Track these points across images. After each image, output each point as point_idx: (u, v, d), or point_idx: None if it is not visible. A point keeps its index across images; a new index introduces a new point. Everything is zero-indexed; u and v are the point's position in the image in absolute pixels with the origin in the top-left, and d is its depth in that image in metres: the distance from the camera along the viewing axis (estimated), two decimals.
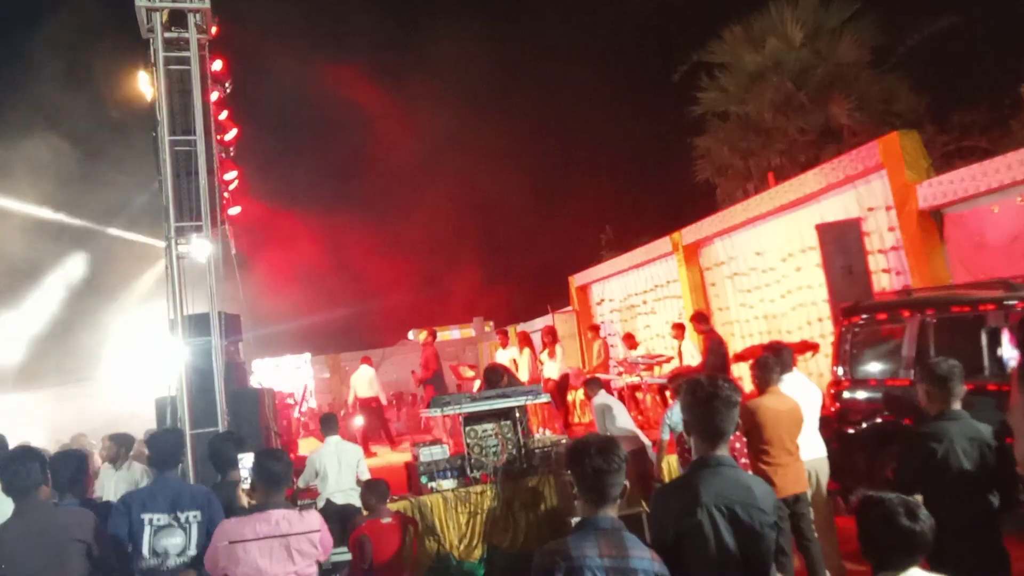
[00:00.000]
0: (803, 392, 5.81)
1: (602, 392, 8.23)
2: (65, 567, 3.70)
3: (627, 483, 2.54)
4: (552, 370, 12.08)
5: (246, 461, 4.94)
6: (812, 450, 5.70)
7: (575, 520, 2.57)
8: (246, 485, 5.02)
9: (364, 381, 13.92)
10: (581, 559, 2.34)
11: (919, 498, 2.71)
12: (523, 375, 11.60)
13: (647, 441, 7.58)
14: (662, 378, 11.19)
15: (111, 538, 3.94)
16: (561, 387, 11.96)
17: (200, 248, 7.60)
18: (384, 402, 14.55)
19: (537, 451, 7.51)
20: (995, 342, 5.83)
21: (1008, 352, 5.63)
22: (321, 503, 6.59)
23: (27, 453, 3.82)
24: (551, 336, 12.60)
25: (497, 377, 8.78)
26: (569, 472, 2.58)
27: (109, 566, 3.86)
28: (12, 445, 4.79)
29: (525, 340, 12.97)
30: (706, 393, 2.73)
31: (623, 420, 7.83)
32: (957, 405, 3.61)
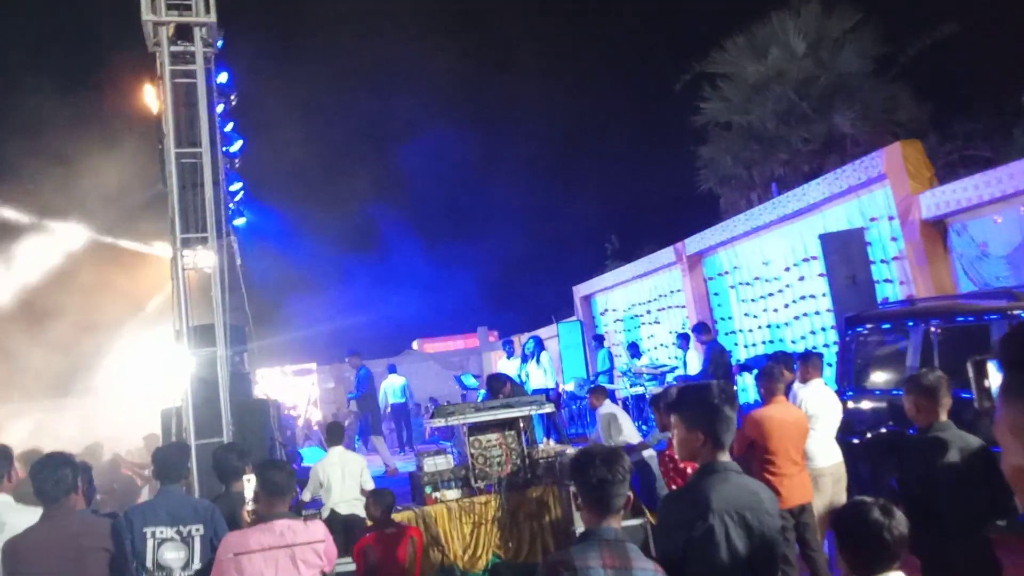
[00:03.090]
0: (825, 399, 5.86)
1: (607, 401, 8.23)
2: (87, 574, 3.70)
3: (631, 494, 2.55)
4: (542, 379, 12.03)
5: (252, 482, 4.94)
6: (830, 456, 5.72)
7: (579, 530, 2.57)
8: (250, 507, 5.02)
9: (398, 388, 14.72)
10: (585, 570, 2.34)
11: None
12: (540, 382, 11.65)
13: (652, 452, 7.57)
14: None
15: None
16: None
17: (206, 259, 7.64)
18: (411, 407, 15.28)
19: (541, 461, 7.50)
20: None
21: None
22: (326, 513, 6.59)
23: (60, 460, 3.80)
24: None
25: (499, 385, 8.82)
26: (573, 482, 2.59)
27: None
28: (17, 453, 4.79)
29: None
30: (719, 398, 2.76)
31: (628, 430, 7.83)
32: (944, 416, 3.62)
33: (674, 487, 5.76)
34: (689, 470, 5.59)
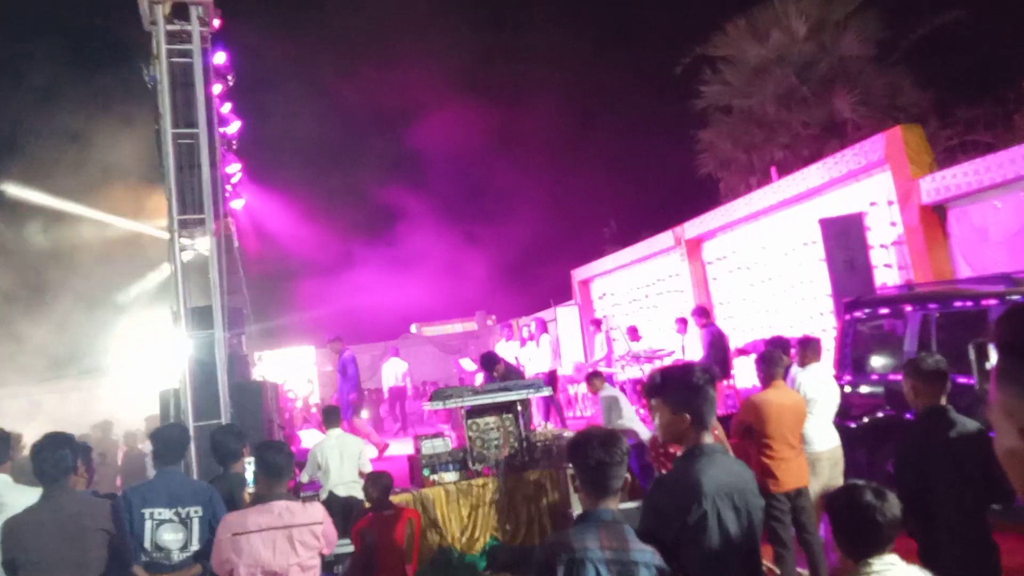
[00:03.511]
0: (823, 383, 5.88)
1: (607, 385, 8.26)
2: (87, 554, 3.71)
3: (628, 476, 2.55)
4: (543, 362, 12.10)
5: (252, 464, 4.95)
6: (827, 440, 5.74)
7: (576, 513, 2.57)
8: (251, 489, 5.02)
9: (397, 372, 15.14)
10: (582, 551, 2.34)
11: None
12: (540, 365, 11.68)
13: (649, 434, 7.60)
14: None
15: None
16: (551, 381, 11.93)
17: (203, 241, 7.62)
18: (410, 392, 15.64)
19: (539, 444, 7.53)
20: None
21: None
22: (324, 495, 6.62)
23: (59, 439, 3.80)
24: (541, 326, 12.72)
25: (493, 362, 8.89)
26: (571, 465, 2.59)
27: (126, 557, 3.89)
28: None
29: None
30: (703, 379, 2.74)
31: (628, 414, 7.87)
32: (942, 400, 3.62)
33: (664, 471, 5.78)
34: (678, 454, 5.60)
